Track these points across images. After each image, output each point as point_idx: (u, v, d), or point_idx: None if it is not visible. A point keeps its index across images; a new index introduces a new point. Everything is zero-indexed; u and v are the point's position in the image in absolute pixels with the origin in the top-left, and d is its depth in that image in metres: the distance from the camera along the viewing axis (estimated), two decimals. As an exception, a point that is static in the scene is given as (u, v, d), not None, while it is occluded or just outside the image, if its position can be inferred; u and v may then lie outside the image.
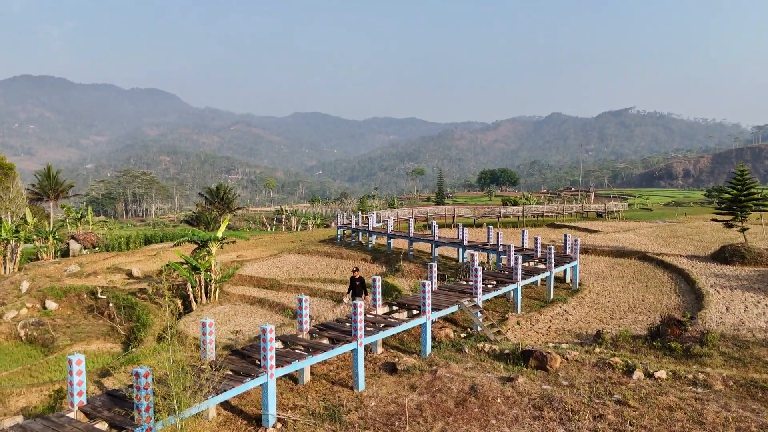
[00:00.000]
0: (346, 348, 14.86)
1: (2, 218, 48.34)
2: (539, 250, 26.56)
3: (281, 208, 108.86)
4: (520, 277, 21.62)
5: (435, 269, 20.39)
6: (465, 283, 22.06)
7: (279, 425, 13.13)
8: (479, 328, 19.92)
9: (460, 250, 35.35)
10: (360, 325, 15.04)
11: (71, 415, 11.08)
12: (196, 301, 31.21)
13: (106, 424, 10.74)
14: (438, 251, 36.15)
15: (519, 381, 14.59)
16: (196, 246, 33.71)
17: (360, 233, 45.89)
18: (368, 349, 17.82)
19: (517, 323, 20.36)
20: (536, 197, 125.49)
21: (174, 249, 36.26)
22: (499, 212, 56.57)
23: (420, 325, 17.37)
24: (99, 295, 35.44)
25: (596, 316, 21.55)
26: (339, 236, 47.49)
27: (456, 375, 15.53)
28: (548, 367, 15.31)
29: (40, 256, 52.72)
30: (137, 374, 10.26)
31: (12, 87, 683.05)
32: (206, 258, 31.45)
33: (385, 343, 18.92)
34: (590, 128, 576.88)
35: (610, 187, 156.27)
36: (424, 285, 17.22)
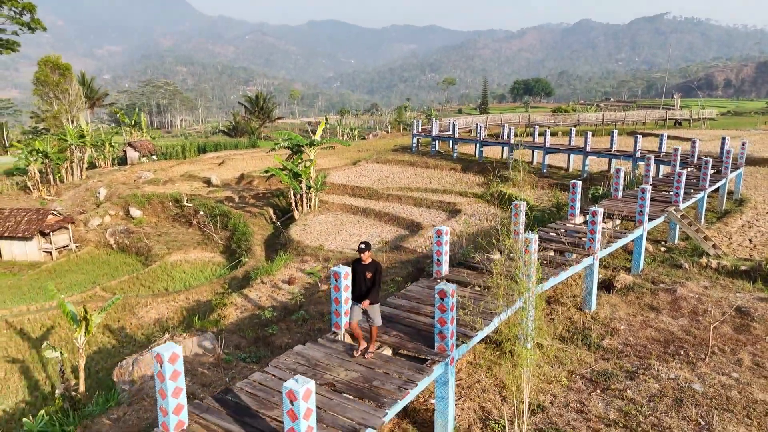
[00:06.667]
0: (583, 263, 12.55)
1: (63, 123, 45.88)
2: (696, 155, 23.53)
3: (326, 119, 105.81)
4: (707, 183, 18.88)
5: (622, 174, 17.66)
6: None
7: (536, 350, 11.08)
8: (676, 240, 17.53)
9: (573, 157, 32.51)
10: (598, 236, 12.63)
11: (340, 338, 9.01)
12: (298, 210, 29.10)
13: (390, 350, 8.69)
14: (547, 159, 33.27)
15: (796, 303, 12.30)
16: (290, 152, 31.09)
17: (438, 141, 42.87)
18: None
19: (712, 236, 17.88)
20: (582, 108, 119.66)
21: (273, 154, 33.83)
22: (578, 119, 52.80)
23: (635, 238, 14.95)
24: (185, 203, 33.55)
25: (795, 229, 19.00)
26: (414, 145, 44.53)
27: (702, 295, 13.27)
28: (818, 286, 12.96)
29: (97, 164, 50.82)
30: (443, 292, 7.98)
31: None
32: (307, 165, 28.93)
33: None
34: (622, 36, 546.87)
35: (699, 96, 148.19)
36: (643, 190, 14.61)
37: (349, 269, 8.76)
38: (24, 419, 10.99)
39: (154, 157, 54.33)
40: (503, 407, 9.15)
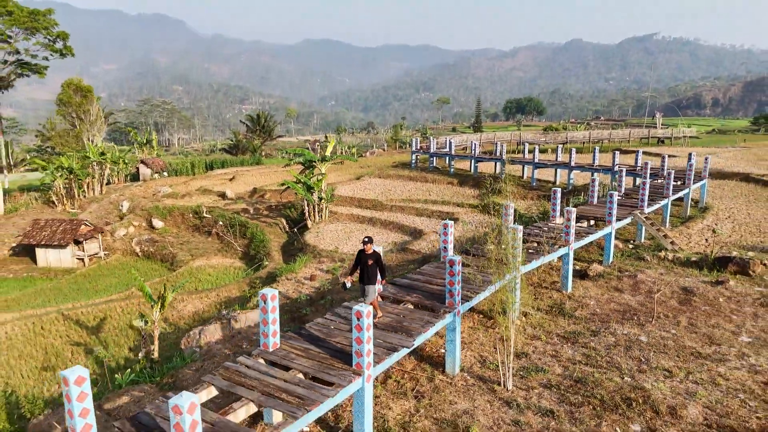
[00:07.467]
0: (560, 252, 15.58)
1: (84, 142, 48.85)
2: (665, 168, 26.82)
3: (326, 137, 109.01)
4: (671, 192, 22.09)
5: (597, 184, 20.87)
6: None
7: (523, 318, 14.05)
8: (642, 239, 20.63)
9: (560, 171, 35.71)
10: (573, 231, 15.67)
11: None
12: (311, 220, 32.07)
13: (412, 306, 11.63)
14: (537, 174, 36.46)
15: (730, 284, 15.34)
16: (302, 167, 34.17)
17: (436, 158, 46.05)
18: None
19: (674, 236, 20.98)
20: (573, 126, 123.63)
21: (288, 169, 36.81)
22: (566, 137, 56.27)
23: (605, 234, 18.02)
24: (204, 215, 36.43)
25: (746, 231, 22.10)
26: (413, 161, 47.68)
27: (657, 279, 16.31)
28: (750, 272, 16.00)
29: (111, 180, 53.62)
30: (452, 261, 10.95)
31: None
32: (319, 178, 32.00)
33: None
34: (612, 55, 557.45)
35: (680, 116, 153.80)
36: (611, 195, 17.73)
37: (380, 249, 11.84)
38: (116, 375, 13.82)
39: (165, 173, 57.27)
40: (496, 355, 12.08)
